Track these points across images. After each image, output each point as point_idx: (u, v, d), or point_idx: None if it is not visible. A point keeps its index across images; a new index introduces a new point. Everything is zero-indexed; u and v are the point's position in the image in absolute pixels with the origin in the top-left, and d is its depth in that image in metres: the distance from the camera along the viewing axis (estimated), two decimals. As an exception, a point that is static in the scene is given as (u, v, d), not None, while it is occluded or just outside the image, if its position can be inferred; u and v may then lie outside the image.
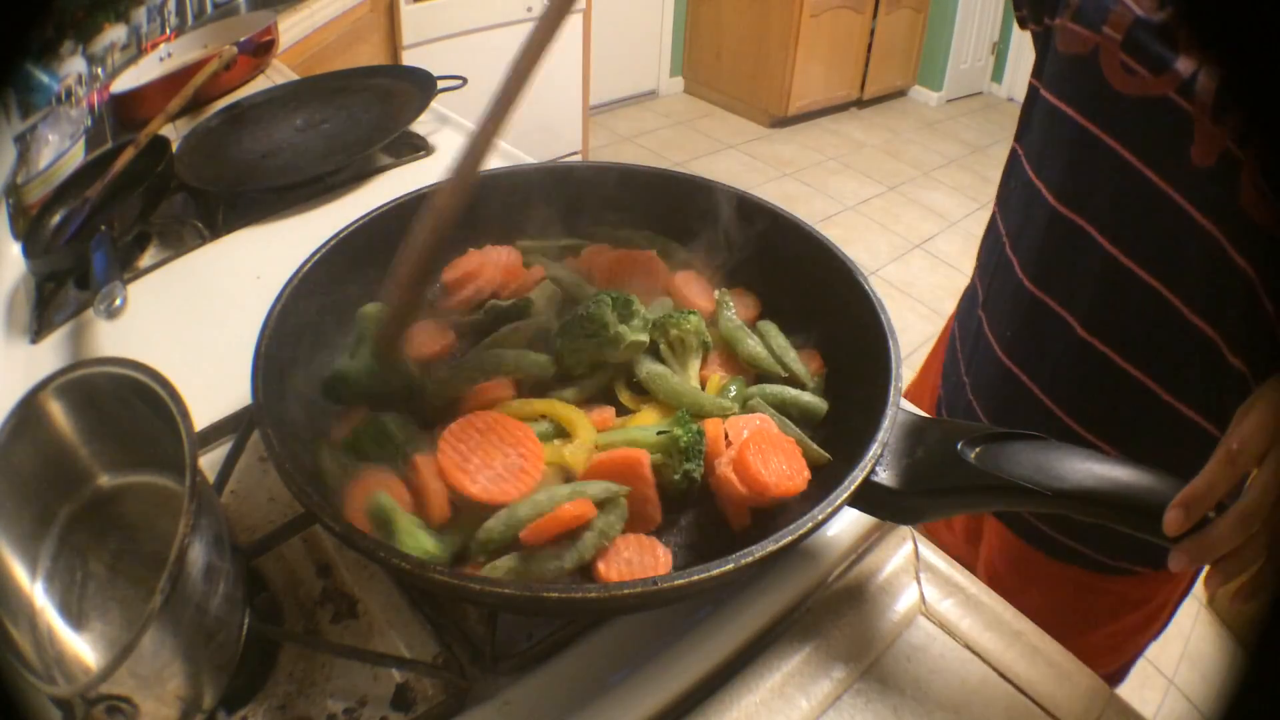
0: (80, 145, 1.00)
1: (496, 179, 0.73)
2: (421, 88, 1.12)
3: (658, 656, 0.50)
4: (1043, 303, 0.70)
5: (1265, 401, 0.45)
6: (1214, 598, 1.73)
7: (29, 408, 0.46)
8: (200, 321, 0.78)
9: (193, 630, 0.40)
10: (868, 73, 3.97)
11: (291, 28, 1.60)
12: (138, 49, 1.15)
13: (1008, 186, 0.77)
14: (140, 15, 1.16)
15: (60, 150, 0.96)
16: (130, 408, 0.47)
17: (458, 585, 0.42)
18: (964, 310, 0.86)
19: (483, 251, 0.71)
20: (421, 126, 1.11)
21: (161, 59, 1.20)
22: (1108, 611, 0.77)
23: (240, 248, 0.89)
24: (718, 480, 0.55)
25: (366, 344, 0.61)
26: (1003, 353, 0.75)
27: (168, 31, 1.24)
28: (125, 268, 0.83)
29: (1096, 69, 0.62)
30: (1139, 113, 0.60)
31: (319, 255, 0.63)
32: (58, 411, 0.47)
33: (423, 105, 1.07)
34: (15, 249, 0.87)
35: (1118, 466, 0.46)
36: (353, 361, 0.61)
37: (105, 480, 0.50)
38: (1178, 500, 0.43)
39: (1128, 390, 0.66)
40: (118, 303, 0.68)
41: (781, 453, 0.55)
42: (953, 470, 0.49)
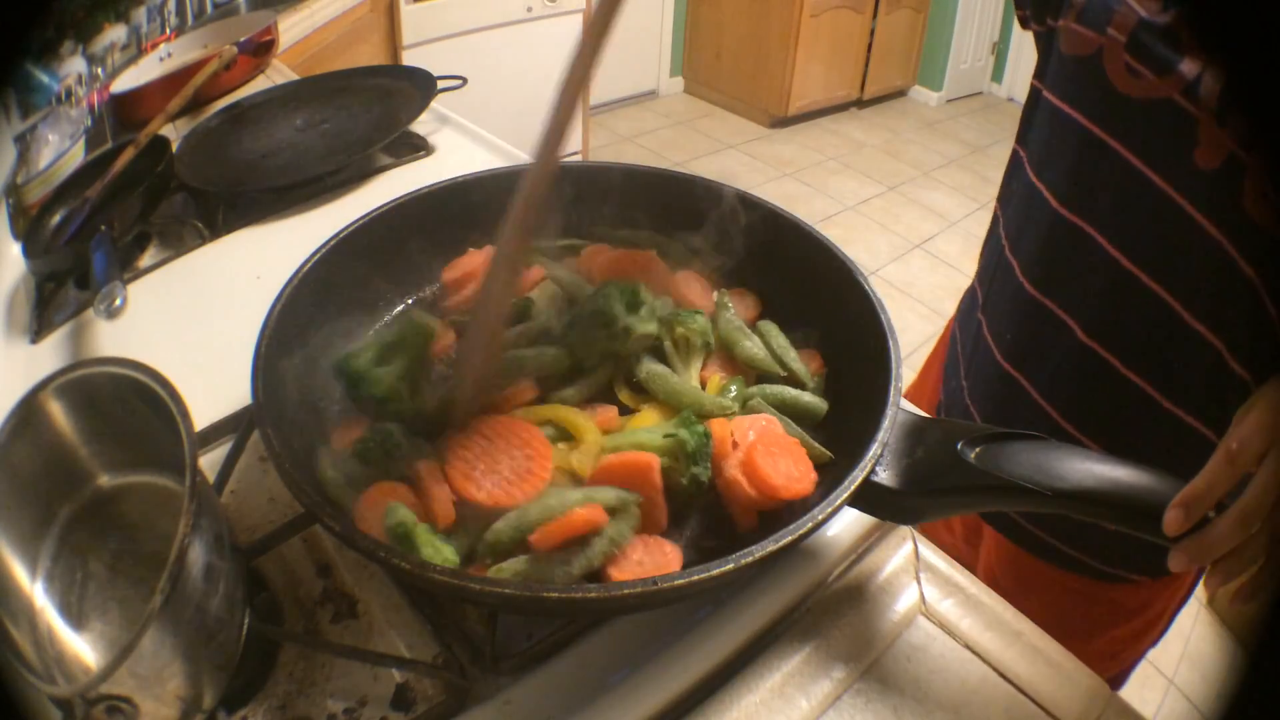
0: (80, 145, 1.00)
1: (496, 179, 0.73)
2: (421, 88, 1.11)
3: (658, 656, 0.50)
4: (1043, 306, 0.69)
5: (1265, 401, 0.45)
6: (1214, 598, 1.73)
7: (29, 408, 0.46)
8: (200, 321, 0.78)
9: (193, 630, 0.40)
10: (868, 73, 3.97)
11: (291, 28, 1.60)
12: (138, 49, 1.15)
13: (1009, 188, 0.77)
14: (140, 15, 1.16)
15: (60, 150, 0.96)
16: (130, 408, 0.47)
17: (458, 585, 0.42)
18: (964, 313, 0.85)
19: (483, 251, 0.71)
20: (421, 126, 1.11)
21: (161, 59, 1.21)
22: (1106, 619, 0.76)
23: (240, 248, 0.89)
24: (725, 482, 0.55)
25: (405, 356, 0.60)
26: (1002, 357, 0.74)
27: (168, 31, 1.24)
28: (125, 268, 0.83)
29: (1100, 71, 0.61)
30: (1143, 115, 0.59)
31: (319, 255, 0.63)
32: (58, 411, 0.47)
33: (423, 105, 1.07)
34: (15, 249, 0.87)
35: (1118, 466, 0.46)
36: (384, 369, 0.58)
37: (105, 480, 0.50)
38: (1178, 500, 0.43)
39: (1128, 397, 0.65)
40: (118, 303, 0.68)
41: (789, 454, 0.55)
42: (953, 470, 0.49)
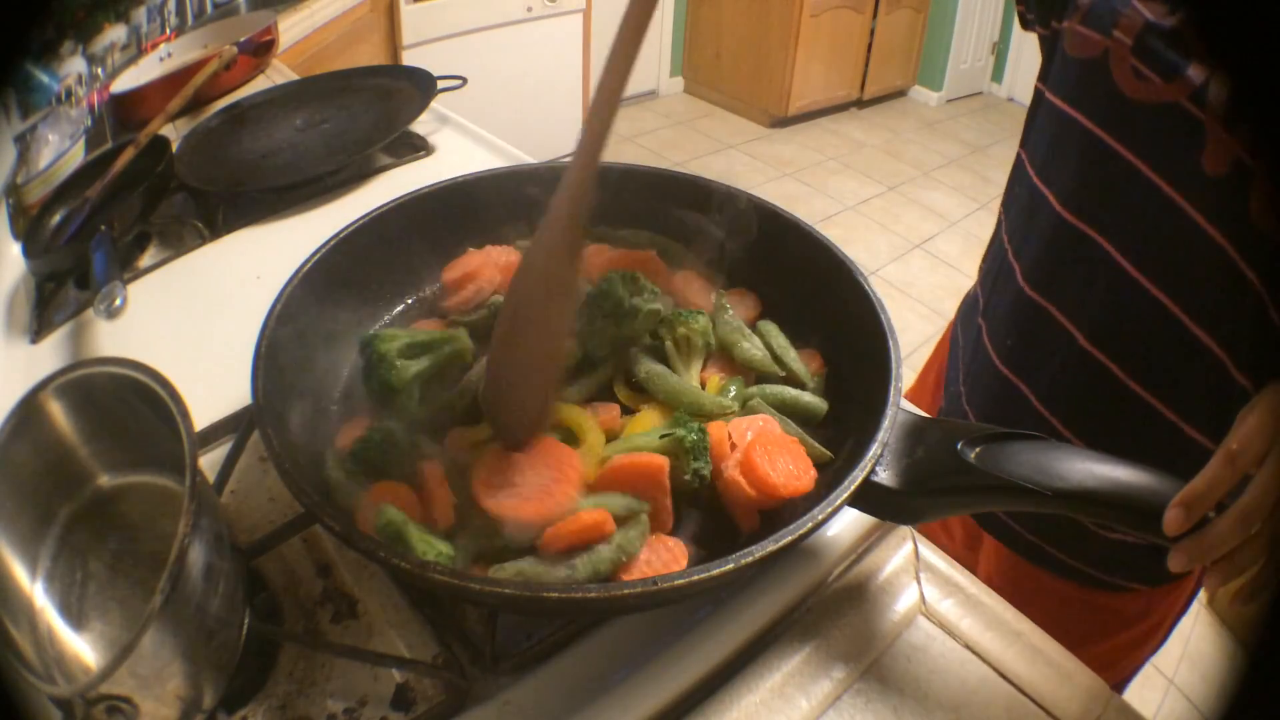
0: (80, 145, 1.00)
1: (496, 179, 0.73)
2: (421, 88, 1.12)
3: (658, 656, 0.50)
4: (1045, 311, 0.69)
5: (1266, 403, 0.45)
6: (1214, 598, 1.73)
7: (29, 408, 0.46)
8: (200, 321, 0.78)
9: (193, 630, 0.40)
10: (868, 73, 3.97)
11: (291, 28, 1.60)
12: (138, 49, 1.15)
13: (1012, 192, 0.76)
14: (140, 15, 1.16)
15: (60, 150, 0.96)
16: (130, 408, 0.47)
17: (458, 585, 0.42)
18: (964, 317, 0.85)
19: (483, 251, 0.71)
20: (421, 126, 1.11)
21: (161, 59, 1.21)
22: (1105, 627, 0.76)
23: (240, 248, 0.89)
24: (725, 483, 0.55)
25: (431, 359, 0.60)
26: (1001, 362, 0.74)
27: (168, 31, 1.24)
28: (125, 268, 0.83)
29: (1106, 74, 0.60)
30: (1150, 119, 0.58)
31: (319, 255, 0.63)
32: (58, 411, 0.47)
33: (423, 105, 1.07)
34: (15, 249, 0.87)
35: (1118, 466, 0.46)
36: (406, 362, 0.58)
37: (105, 480, 0.50)
38: (1178, 500, 0.43)
39: (1128, 405, 0.65)
40: (118, 303, 0.68)
41: (787, 453, 0.55)
42: (953, 470, 0.49)
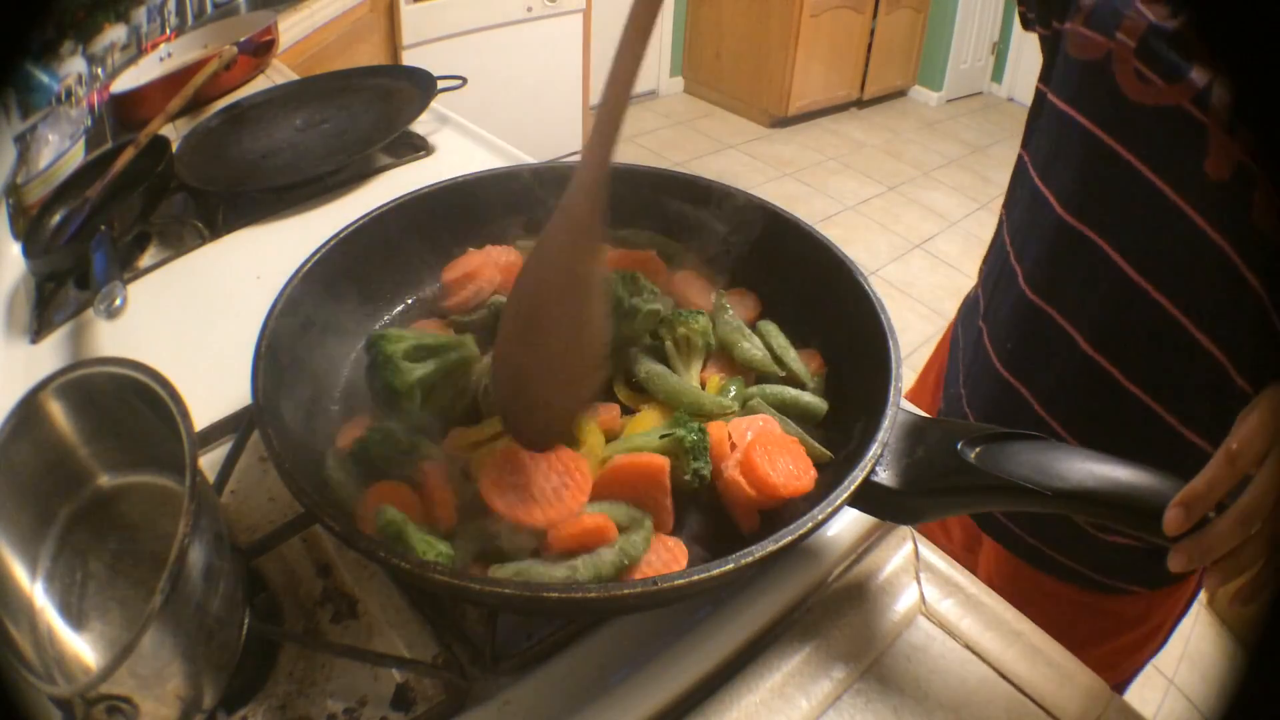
0: (80, 145, 1.00)
1: (496, 179, 0.73)
2: (421, 88, 1.11)
3: (658, 656, 0.50)
4: (1046, 314, 0.68)
5: (1267, 403, 0.45)
6: (1214, 598, 1.73)
7: (29, 408, 0.46)
8: (200, 321, 0.78)
9: (193, 630, 0.40)
10: (868, 73, 3.97)
11: (291, 28, 1.60)
12: (138, 49, 1.15)
13: (1014, 194, 0.75)
14: (140, 15, 1.16)
15: (60, 150, 0.96)
16: (130, 408, 0.47)
17: (458, 585, 0.42)
18: (965, 319, 0.84)
19: (483, 251, 0.71)
20: (421, 126, 1.11)
21: (161, 59, 1.21)
22: (1105, 630, 0.76)
23: (240, 248, 0.89)
24: (725, 484, 0.55)
25: (437, 363, 0.58)
26: (1002, 365, 0.74)
27: (168, 31, 1.24)
28: (125, 268, 0.83)
29: (1109, 76, 0.60)
30: (1152, 122, 0.58)
31: (319, 255, 0.63)
32: (58, 411, 0.47)
33: (423, 105, 1.07)
34: (15, 249, 0.87)
35: (1118, 466, 0.46)
36: (411, 364, 0.57)
37: (105, 480, 0.50)
38: (1178, 499, 0.42)
39: (1128, 408, 0.65)
40: (118, 303, 0.68)
41: (787, 453, 0.55)
42: (953, 470, 0.49)
